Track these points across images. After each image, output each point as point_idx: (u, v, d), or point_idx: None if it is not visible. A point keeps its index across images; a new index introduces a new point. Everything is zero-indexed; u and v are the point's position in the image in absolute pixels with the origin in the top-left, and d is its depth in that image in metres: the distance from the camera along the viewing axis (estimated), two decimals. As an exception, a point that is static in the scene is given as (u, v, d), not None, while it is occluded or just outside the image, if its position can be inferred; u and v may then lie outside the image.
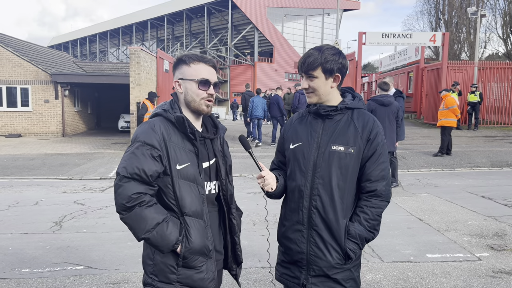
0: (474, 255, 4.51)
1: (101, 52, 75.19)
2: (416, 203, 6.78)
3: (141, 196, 1.81)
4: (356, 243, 1.99)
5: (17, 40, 20.96)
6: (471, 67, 17.96)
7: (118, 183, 1.83)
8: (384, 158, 2.03)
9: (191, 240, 1.87)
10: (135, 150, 1.84)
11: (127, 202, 1.80)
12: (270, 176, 2.04)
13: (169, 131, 1.88)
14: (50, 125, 18.71)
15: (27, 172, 10.21)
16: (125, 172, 1.82)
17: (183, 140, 1.91)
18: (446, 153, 11.31)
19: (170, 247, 1.84)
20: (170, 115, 1.91)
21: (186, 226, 1.88)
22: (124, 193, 1.80)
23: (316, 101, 2.04)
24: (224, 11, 54.41)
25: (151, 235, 1.81)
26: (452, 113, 10.89)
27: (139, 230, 1.82)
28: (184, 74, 1.95)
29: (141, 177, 1.80)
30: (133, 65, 13.70)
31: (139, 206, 1.81)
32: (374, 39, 17.13)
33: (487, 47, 42.67)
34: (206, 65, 1.96)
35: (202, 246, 1.90)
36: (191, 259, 1.88)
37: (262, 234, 5.16)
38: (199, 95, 1.93)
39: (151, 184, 1.84)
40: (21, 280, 3.97)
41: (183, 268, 1.89)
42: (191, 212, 1.88)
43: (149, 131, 1.86)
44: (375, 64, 61.66)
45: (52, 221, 5.97)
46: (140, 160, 1.81)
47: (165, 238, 1.82)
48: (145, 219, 1.81)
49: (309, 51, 2.02)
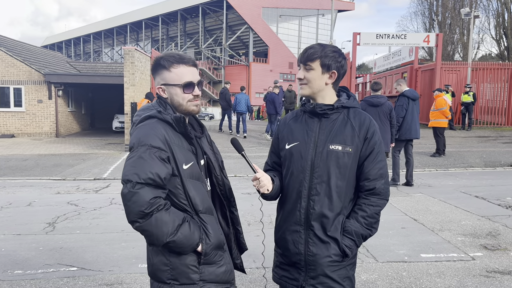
0: (468, 255, 4.53)
1: (95, 52, 74.84)
2: (410, 203, 6.81)
3: (158, 200, 1.75)
4: (352, 239, 1.99)
5: (10, 40, 20.80)
6: (464, 68, 18.07)
7: (132, 191, 1.72)
8: (381, 157, 2.03)
9: (211, 235, 1.87)
10: (143, 154, 1.76)
11: (145, 208, 1.72)
12: (265, 177, 2.02)
13: (168, 132, 1.84)
14: (43, 125, 18.59)
15: (20, 173, 10.13)
16: (137, 178, 1.73)
17: (181, 140, 1.88)
18: (439, 153, 11.40)
19: (194, 246, 1.82)
20: (166, 116, 1.86)
21: (203, 223, 1.87)
22: (141, 200, 1.71)
23: (308, 93, 2.04)
24: (219, 11, 54.38)
25: (176, 237, 1.77)
26: (442, 114, 11.06)
27: (162, 234, 1.75)
28: (166, 80, 1.90)
29: (155, 181, 1.74)
30: (127, 65, 13.64)
31: (157, 210, 1.74)
32: (369, 40, 17.19)
33: (481, 48, 43.07)
34: (187, 66, 1.90)
35: (219, 240, 1.91)
36: (211, 254, 1.87)
37: (257, 234, 5.15)
38: (185, 98, 1.90)
39: (164, 187, 1.79)
40: (13, 281, 3.93)
41: (205, 265, 1.87)
42: (204, 209, 1.88)
43: (151, 133, 1.80)
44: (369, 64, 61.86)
45: (45, 222, 5.92)
46: (150, 164, 1.74)
47: (190, 238, 1.80)
48: (166, 223, 1.75)
49: (312, 45, 2.05)
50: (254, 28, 53.24)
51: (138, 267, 4.25)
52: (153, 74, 1.95)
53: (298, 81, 2.07)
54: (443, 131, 11.29)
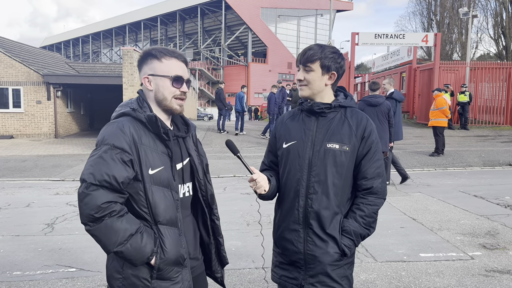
0: (467, 254, 4.53)
1: (94, 53, 74.82)
2: (409, 203, 6.81)
3: (111, 206, 1.64)
4: (351, 239, 1.99)
5: (9, 41, 20.78)
6: (463, 67, 18.10)
7: (84, 191, 1.64)
8: (379, 156, 2.04)
9: (166, 250, 1.74)
10: (103, 154, 1.65)
11: (95, 212, 1.62)
12: (261, 178, 2.01)
13: (139, 133, 1.72)
14: (42, 126, 18.57)
15: (19, 174, 10.11)
16: (92, 179, 1.63)
17: (154, 141, 1.76)
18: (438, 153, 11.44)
19: (144, 260, 1.70)
20: (140, 114, 1.75)
21: (160, 235, 1.74)
22: (92, 203, 1.62)
23: (308, 94, 2.04)
24: (217, 11, 54.40)
25: (124, 248, 1.66)
26: (442, 113, 11.10)
27: (109, 243, 1.66)
28: (155, 70, 1.80)
29: (111, 184, 1.63)
30: (126, 66, 13.64)
31: (109, 216, 1.64)
32: (367, 40, 17.22)
33: (479, 48, 43.04)
34: (178, 61, 1.82)
35: (178, 256, 1.78)
36: (166, 270, 1.75)
37: (255, 235, 5.15)
38: (171, 92, 1.80)
39: (121, 191, 1.67)
40: (12, 283, 3.92)
41: (158, 280, 1.75)
42: (165, 220, 1.75)
43: (118, 133, 1.69)
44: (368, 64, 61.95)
45: (44, 223, 5.91)
46: (109, 166, 1.64)
47: (139, 250, 1.68)
48: (116, 231, 1.65)
49: (310, 46, 2.05)
50: (252, 28, 53.25)
51: (137, 268, 4.25)
52: (141, 64, 1.85)
53: (297, 82, 2.07)
54: (443, 130, 11.32)
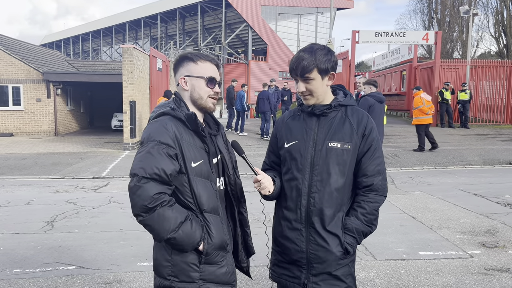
0: (466, 253, 4.53)
1: (94, 50, 74.71)
2: (409, 201, 6.82)
3: (162, 196, 1.78)
4: (353, 237, 2.00)
5: (8, 38, 20.75)
6: (463, 66, 18.07)
7: (137, 184, 1.77)
8: (379, 153, 2.05)
9: (213, 235, 1.87)
10: (151, 149, 1.80)
11: (149, 203, 1.76)
12: (266, 179, 2.02)
13: (180, 130, 1.87)
14: (42, 124, 18.56)
15: (19, 172, 10.12)
16: (143, 172, 1.77)
17: (193, 137, 1.90)
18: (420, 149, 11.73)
19: (194, 245, 1.83)
20: (179, 113, 1.90)
21: (206, 222, 1.88)
22: (145, 194, 1.76)
23: (314, 102, 2.04)
24: (217, 9, 54.29)
25: (177, 234, 1.79)
26: (421, 112, 11.41)
27: (163, 231, 1.78)
28: (191, 72, 1.96)
29: (160, 176, 1.78)
30: (126, 64, 13.61)
31: (160, 206, 1.78)
32: (368, 38, 17.17)
33: (480, 46, 43.08)
34: (211, 64, 1.99)
35: (222, 241, 1.91)
36: (213, 255, 1.89)
37: (255, 233, 5.15)
38: (206, 92, 1.96)
39: (169, 183, 1.82)
40: (12, 280, 3.93)
41: (206, 264, 1.88)
42: (209, 208, 1.89)
43: (161, 130, 1.84)
44: (368, 62, 61.83)
45: (44, 221, 5.92)
46: (157, 160, 1.78)
47: (191, 236, 1.81)
48: (168, 219, 1.78)
49: (300, 54, 1.99)
50: (253, 26, 53.15)
51: (136, 266, 4.25)
52: (177, 67, 2.00)
53: (300, 94, 2.05)
54: (424, 127, 11.61)
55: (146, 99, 15.32)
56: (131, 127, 13.61)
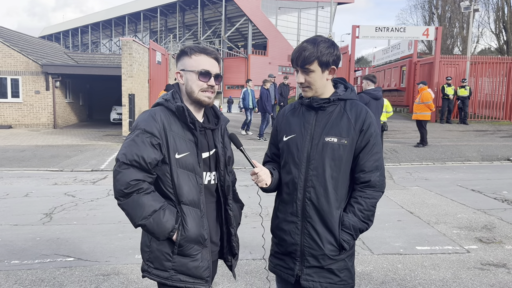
0: (463, 248, 4.56)
1: (93, 43, 74.40)
2: (407, 196, 6.83)
3: (139, 183, 1.84)
4: (350, 234, 2.00)
5: (7, 30, 20.64)
6: (463, 62, 18.03)
7: (117, 169, 1.86)
8: (377, 149, 2.03)
9: (187, 228, 1.89)
10: (135, 137, 1.87)
11: (125, 188, 1.83)
12: (263, 172, 2.03)
13: (169, 120, 1.91)
14: (41, 116, 18.53)
15: (17, 164, 10.11)
16: (124, 158, 1.84)
17: (183, 129, 1.93)
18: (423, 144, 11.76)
19: (166, 235, 1.87)
20: (171, 104, 1.94)
21: (183, 214, 1.90)
22: (123, 179, 1.83)
23: (312, 95, 2.03)
24: (217, 3, 54.03)
25: (148, 221, 1.84)
26: (427, 107, 11.39)
27: (135, 216, 1.86)
28: (185, 65, 1.99)
29: (140, 164, 1.83)
30: (125, 57, 13.57)
31: (137, 193, 1.84)
32: (368, 33, 17.12)
33: (480, 42, 42.98)
34: (208, 57, 1.98)
35: (198, 235, 1.92)
36: (186, 247, 1.90)
37: (253, 226, 5.17)
38: (198, 86, 1.95)
39: (149, 171, 1.87)
40: (10, 271, 3.94)
41: (178, 256, 1.91)
42: (188, 201, 1.91)
43: (149, 120, 1.89)
44: (368, 57, 61.74)
45: (42, 212, 5.93)
46: (139, 148, 1.84)
47: (161, 225, 1.85)
48: (142, 206, 1.84)
49: (303, 45, 1.98)
50: (253, 20, 52.95)
51: (134, 258, 4.27)
52: (177, 61, 2.05)
53: (299, 85, 2.05)
54: (426, 123, 11.70)
55: (145, 92, 15.29)
56: (130, 120, 13.60)
